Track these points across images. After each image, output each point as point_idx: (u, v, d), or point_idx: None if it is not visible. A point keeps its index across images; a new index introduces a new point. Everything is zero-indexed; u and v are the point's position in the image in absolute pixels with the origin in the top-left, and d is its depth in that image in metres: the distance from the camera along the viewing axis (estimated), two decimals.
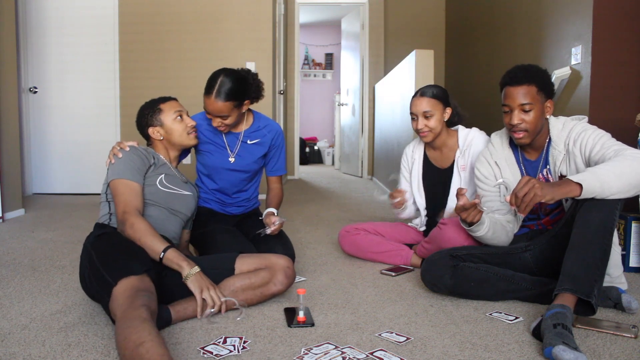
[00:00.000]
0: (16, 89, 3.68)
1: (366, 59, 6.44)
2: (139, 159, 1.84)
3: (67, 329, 1.54)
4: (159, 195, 1.88)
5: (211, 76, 2.06)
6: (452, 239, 2.04)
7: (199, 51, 4.56)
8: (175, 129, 1.98)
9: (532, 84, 1.78)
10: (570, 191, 1.56)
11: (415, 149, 2.47)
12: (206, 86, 2.05)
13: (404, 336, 1.50)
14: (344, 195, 4.91)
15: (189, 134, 2.00)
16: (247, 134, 2.24)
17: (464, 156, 2.28)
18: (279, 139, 2.33)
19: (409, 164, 2.48)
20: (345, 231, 2.49)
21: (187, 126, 1.99)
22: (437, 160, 2.40)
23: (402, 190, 2.35)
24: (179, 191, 1.96)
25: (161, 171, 1.93)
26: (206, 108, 2.06)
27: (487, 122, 4.15)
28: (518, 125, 1.81)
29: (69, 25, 4.64)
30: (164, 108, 1.98)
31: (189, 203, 2.00)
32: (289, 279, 1.78)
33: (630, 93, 2.66)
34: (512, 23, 3.84)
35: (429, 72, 3.54)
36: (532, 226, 1.99)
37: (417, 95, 2.31)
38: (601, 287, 1.57)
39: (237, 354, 1.38)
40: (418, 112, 2.26)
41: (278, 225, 2.09)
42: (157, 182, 1.89)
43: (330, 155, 9.26)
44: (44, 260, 2.39)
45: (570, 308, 1.47)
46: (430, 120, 2.25)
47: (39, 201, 4.31)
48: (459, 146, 2.31)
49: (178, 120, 1.98)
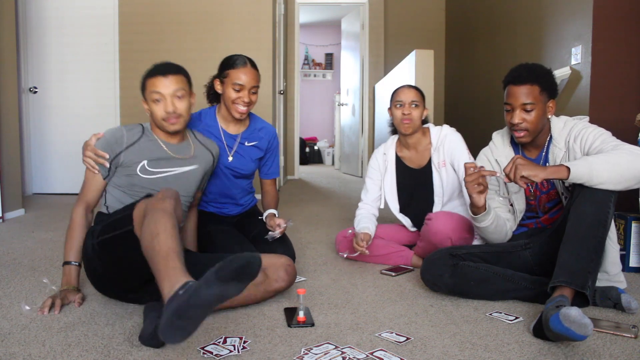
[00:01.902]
0: (16, 89, 3.68)
1: (366, 59, 6.44)
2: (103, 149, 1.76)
3: (67, 329, 1.53)
4: (142, 184, 1.77)
5: (229, 56, 2.11)
6: (439, 231, 2.07)
7: (199, 51, 4.56)
8: (153, 110, 1.78)
9: (535, 84, 1.79)
10: (558, 171, 1.59)
11: (387, 151, 2.46)
12: (231, 62, 2.09)
13: (404, 336, 1.50)
14: (344, 195, 4.91)
15: (164, 120, 1.77)
16: (244, 136, 2.24)
17: (438, 153, 2.31)
18: (275, 142, 2.33)
19: (380, 167, 2.46)
20: (342, 237, 2.48)
21: (163, 110, 1.76)
22: (412, 160, 2.41)
23: (364, 236, 2.25)
24: (171, 171, 1.83)
25: (143, 156, 1.78)
26: (239, 79, 2.06)
27: (487, 122, 4.15)
28: (519, 124, 1.81)
29: (69, 25, 4.63)
30: (147, 85, 1.78)
31: (188, 180, 1.88)
32: (290, 275, 1.79)
33: (630, 93, 2.67)
34: (512, 23, 3.84)
35: (429, 72, 3.55)
36: (531, 225, 1.99)
37: (405, 86, 2.38)
38: (596, 279, 1.60)
39: (237, 354, 1.38)
40: (406, 100, 2.31)
41: (284, 227, 2.09)
42: (138, 170, 1.77)
43: (330, 155, 9.26)
44: (44, 260, 2.39)
45: (568, 299, 1.49)
46: (416, 110, 2.30)
47: (39, 201, 4.31)
48: (432, 143, 2.34)
49: (156, 102, 1.77)
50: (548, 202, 1.93)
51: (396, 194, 2.44)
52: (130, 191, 1.79)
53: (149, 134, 1.84)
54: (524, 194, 1.95)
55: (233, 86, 2.07)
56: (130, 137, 1.79)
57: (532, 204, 1.95)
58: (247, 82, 2.06)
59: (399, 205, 2.44)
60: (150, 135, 1.84)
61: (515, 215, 1.96)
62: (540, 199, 1.93)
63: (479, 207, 1.80)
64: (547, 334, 1.42)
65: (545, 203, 1.93)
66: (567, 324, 1.31)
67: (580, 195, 1.61)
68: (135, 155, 1.78)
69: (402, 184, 2.43)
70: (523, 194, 1.94)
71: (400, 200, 2.44)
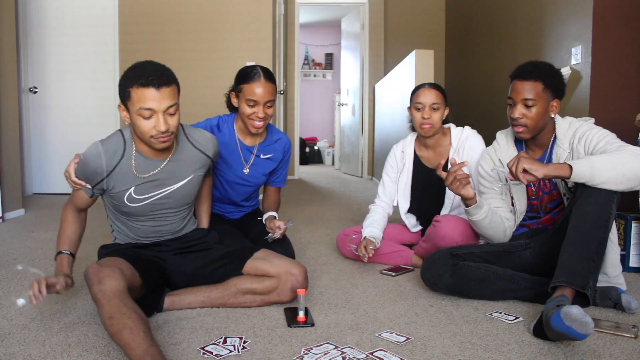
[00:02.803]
0: (16, 89, 3.69)
1: (366, 59, 6.44)
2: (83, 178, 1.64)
3: (67, 329, 1.54)
4: (134, 212, 1.67)
5: (244, 68, 2.03)
6: (446, 235, 2.05)
7: (199, 51, 4.56)
8: (138, 124, 1.51)
9: (538, 80, 1.80)
10: (560, 168, 1.59)
11: (406, 149, 2.42)
12: (245, 75, 2.00)
13: (404, 336, 1.50)
14: (344, 195, 4.91)
15: (152, 137, 1.52)
16: (260, 148, 2.19)
17: (458, 155, 2.27)
18: (288, 153, 2.29)
19: (397, 164, 2.43)
20: (343, 234, 2.48)
21: (152, 128, 1.50)
22: (430, 160, 2.37)
23: (368, 243, 2.19)
24: (162, 192, 1.66)
25: (127, 183, 1.60)
26: (253, 95, 1.96)
27: (488, 122, 4.15)
28: (518, 119, 1.82)
29: (69, 25, 4.64)
30: (133, 95, 1.48)
31: (182, 193, 1.70)
32: (295, 292, 1.68)
33: (630, 93, 2.66)
34: (512, 23, 3.84)
35: (429, 72, 3.54)
36: (533, 225, 1.99)
37: (426, 86, 2.30)
38: (597, 279, 1.60)
39: (237, 354, 1.38)
40: (427, 102, 2.24)
41: (284, 229, 2.08)
42: (125, 199, 1.62)
43: (330, 155, 9.26)
44: (44, 260, 2.39)
45: (569, 298, 1.49)
46: (436, 113, 2.25)
47: (39, 201, 4.31)
48: (452, 145, 2.30)
49: (143, 117, 1.50)
50: (550, 203, 1.93)
51: (409, 193, 2.40)
52: (127, 219, 1.71)
53: (130, 150, 1.60)
54: (526, 194, 1.95)
55: (247, 102, 1.99)
56: (110, 161, 1.58)
57: (534, 204, 1.95)
58: (261, 97, 1.97)
59: (408, 205, 2.41)
60: (130, 151, 1.60)
61: (515, 215, 1.96)
62: (542, 199, 1.93)
63: (469, 198, 1.83)
64: (548, 334, 1.41)
65: (548, 203, 1.93)
66: (568, 322, 1.31)
67: (582, 196, 1.61)
68: (118, 182, 1.60)
69: (417, 183, 2.40)
70: (525, 194, 1.94)
71: (411, 200, 2.41)
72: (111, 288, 1.34)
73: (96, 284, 1.36)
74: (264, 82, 1.97)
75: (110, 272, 1.39)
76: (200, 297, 1.72)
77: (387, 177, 2.47)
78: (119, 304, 1.30)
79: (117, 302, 1.31)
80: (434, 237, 2.11)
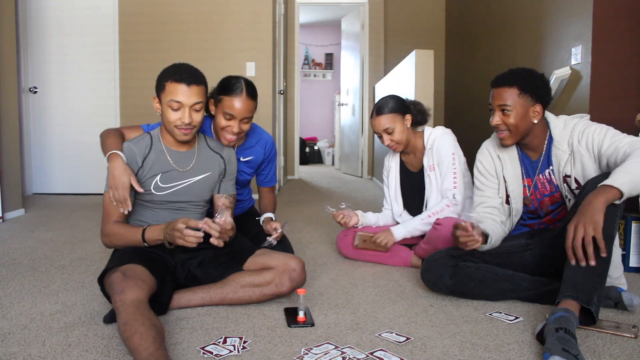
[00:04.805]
0: (16, 89, 3.68)
1: (366, 59, 6.44)
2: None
3: (67, 329, 1.54)
4: (157, 199, 1.79)
5: (227, 78, 1.97)
6: (448, 239, 2.04)
7: (199, 51, 4.56)
8: (167, 114, 1.71)
9: (513, 86, 1.79)
10: (611, 198, 1.46)
11: (392, 157, 2.53)
12: (227, 87, 1.93)
13: (404, 336, 1.50)
14: (344, 195, 4.91)
15: (176, 127, 1.71)
16: (240, 151, 2.17)
17: (429, 156, 2.32)
18: (272, 152, 2.27)
19: (387, 171, 2.54)
20: (343, 234, 2.49)
21: (178, 119, 1.70)
22: (412, 164, 2.45)
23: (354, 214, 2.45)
24: (183, 183, 1.80)
25: (155, 170, 1.77)
26: (232, 109, 1.91)
27: (487, 122, 4.15)
28: (498, 126, 1.82)
29: (69, 25, 4.64)
30: (167, 88, 1.69)
31: (200, 188, 1.84)
32: (294, 282, 1.72)
33: (630, 93, 2.67)
34: (512, 23, 3.84)
35: (429, 72, 3.54)
36: (534, 225, 1.98)
37: (374, 115, 2.33)
38: (601, 295, 1.52)
39: (237, 354, 1.38)
40: (380, 131, 2.31)
41: (280, 233, 2.08)
42: (152, 187, 1.77)
43: (330, 155, 9.26)
44: (44, 260, 2.39)
45: (574, 313, 1.43)
46: (394, 134, 2.29)
47: (39, 201, 4.31)
48: (425, 147, 2.35)
49: (172, 109, 1.70)
50: (551, 205, 1.90)
51: (400, 197, 2.48)
52: (149, 204, 1.80)
53: (157, 142, 1.80)
54: (522, 197, 1.92)
55: (224, 114, 1.92)
56: (140, 150, 1.76)
57: (528, 205, 1.93)
58: (239, 112, 1.91)
59: (401, 208, 2.47)
60: (158, 144, 1.80)
61: (511, 216, 1.94)
62: (542, 202, 1.90)
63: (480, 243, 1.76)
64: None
65: (549, 206, 1.90)
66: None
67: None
68: (148, 170, 1.77)
69: (404, 187, 2.48)
70: (521, 198, 1.92)
71: (403, 202, 2.47)
72: (131, 298, 1.39)
73: (119, 292, 1.41)
74: (245, 98, 1.92)
75: (133, 283, 1.45)
76: (200, 293, 1.74)
77: (384, 187, 2.58)
78: (135, 312, 1.34)
79: (133, 310, 1.35)
80: (436, 240, 2.12)
